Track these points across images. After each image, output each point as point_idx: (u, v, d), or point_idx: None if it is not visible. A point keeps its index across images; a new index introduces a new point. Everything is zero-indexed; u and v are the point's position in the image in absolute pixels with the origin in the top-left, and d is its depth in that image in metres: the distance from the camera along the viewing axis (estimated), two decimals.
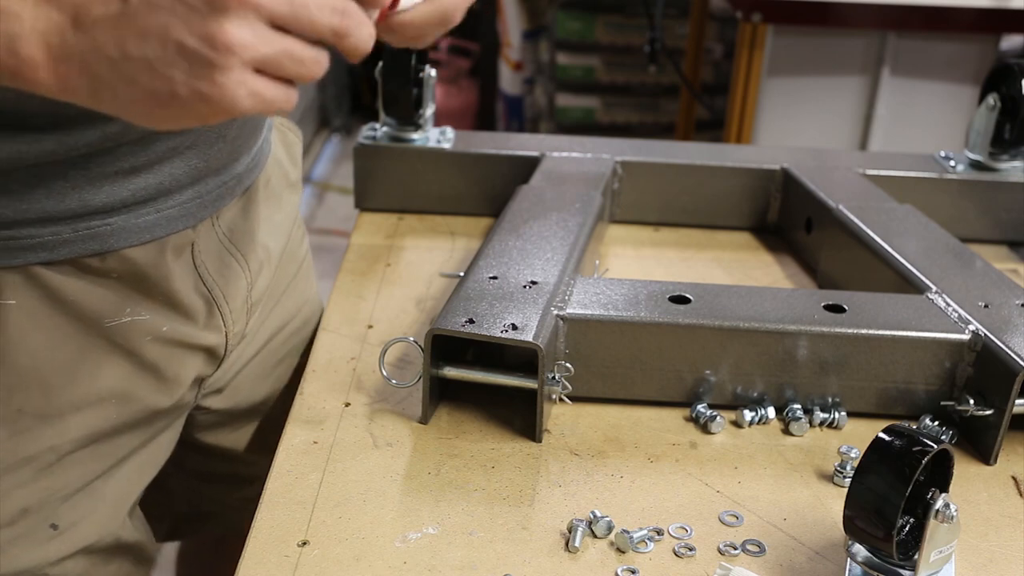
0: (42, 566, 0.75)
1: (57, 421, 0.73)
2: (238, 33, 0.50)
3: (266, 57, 0.52)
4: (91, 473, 0.77)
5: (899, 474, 0.60)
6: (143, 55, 0.50)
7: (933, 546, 0.61)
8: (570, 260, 0.92)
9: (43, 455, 0.73)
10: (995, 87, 1.17)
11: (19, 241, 0.67)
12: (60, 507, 0.75)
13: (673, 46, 2.99)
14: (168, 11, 0.49)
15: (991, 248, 1.17)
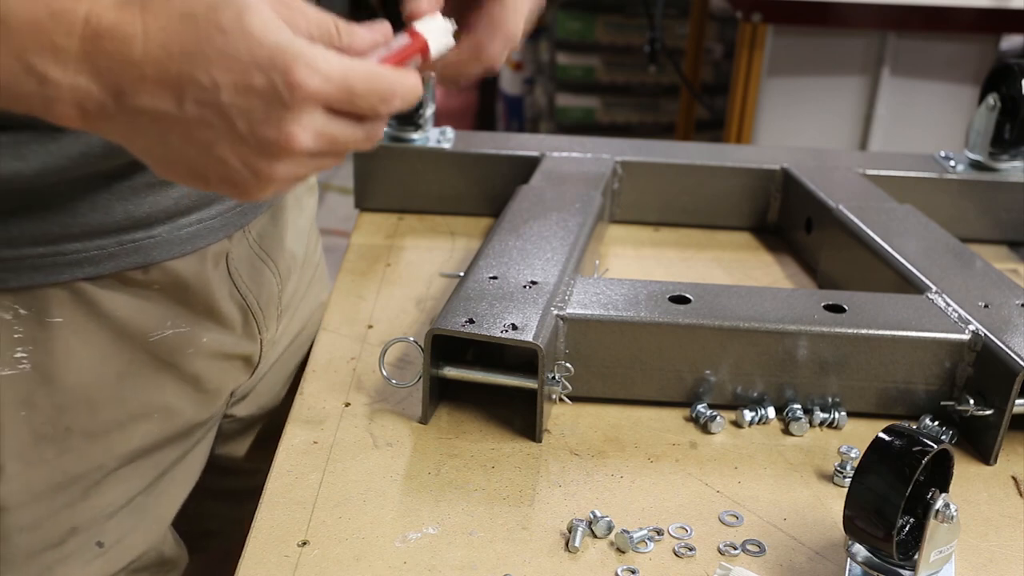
0: None
1: (103, 438, 0.72)
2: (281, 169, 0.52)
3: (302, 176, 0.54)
4: (134, 489, 0.77)
5: (899, 474, 0.60)
6: (183, 152, 0.51)
7: (933, 546, 0.61)
8: (570, 260, 0.92)
9: (91, 473, 0.72)
10: (995, 87, 1.17)
11: (65, 256, 0.66)
12: (106, 524, 0.75)
13: (673, 46, 2.99)
14: (219, 133, 0.50)
15: (991, 248, 1.17)
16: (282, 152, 0.51)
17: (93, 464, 0.73)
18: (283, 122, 0.50)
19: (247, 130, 0.50)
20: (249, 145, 0.51)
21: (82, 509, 0.73)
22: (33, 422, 0.68)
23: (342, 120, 0.53)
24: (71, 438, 0.70)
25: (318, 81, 0.50)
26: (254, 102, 0.50)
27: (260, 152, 0.51)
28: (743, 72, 2.21)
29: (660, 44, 2.63)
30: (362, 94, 0.52)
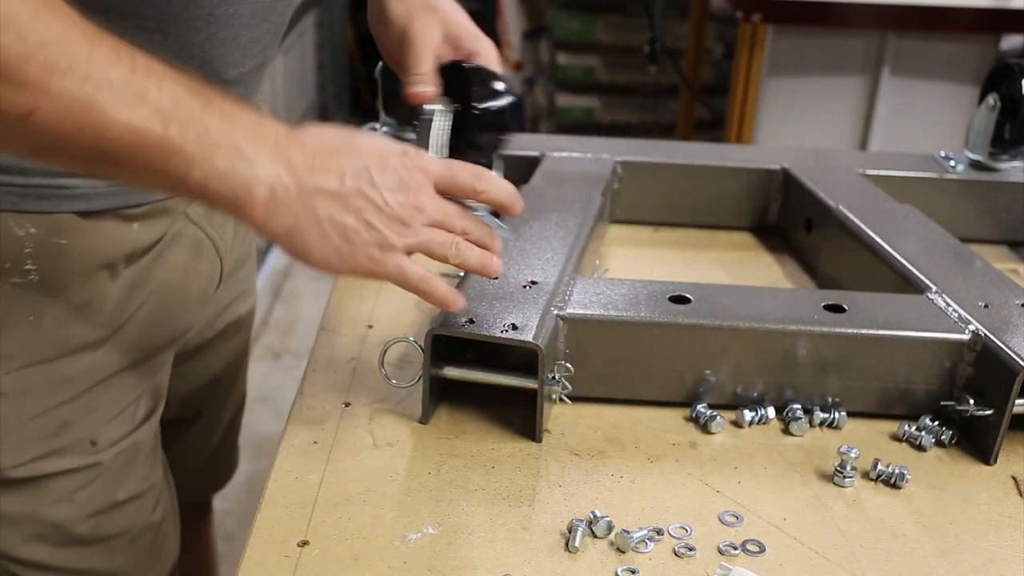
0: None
1: (100, 346, 0.80)
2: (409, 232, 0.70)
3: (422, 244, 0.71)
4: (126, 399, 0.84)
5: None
6: (342, 221, 0.68)
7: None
8: (570, 260, 0.92)
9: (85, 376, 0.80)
10: (995, 87, 1.17)
11: (66, 190, 0.74)
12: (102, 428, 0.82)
13: (673, 46, 2.99)
14: (369, 201, 0.68)
15: (991, 248, 1.17)
16: (413, 211, 0.69)
17: (87, 367, 0.80)
18: (411, 191, 0.70)
19: (388, 196, 0.69)
20: (389, 208, 0.69)
21: (76, 408, 0.80)
22: (38, 326, 0.76)
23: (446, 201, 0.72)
24: (70, 343, 0.78)
25: (429, 161, 0.72)
26: (392, 176, 0.69)
27: (396, 213, 0.69)
28: (743, 72, 2.21)
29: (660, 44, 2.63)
30: (459, 170, 0.73)
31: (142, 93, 0.59)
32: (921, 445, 0.82)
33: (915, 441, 0.83)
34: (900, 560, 0.71)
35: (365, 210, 0.68)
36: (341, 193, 0.67)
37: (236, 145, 0.63)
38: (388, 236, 0.69)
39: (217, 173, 0.62)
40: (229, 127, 0.63)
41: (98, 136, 0.59)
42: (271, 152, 0.65)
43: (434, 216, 0.71)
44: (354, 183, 0.68)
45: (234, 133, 0.63)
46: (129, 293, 0.81)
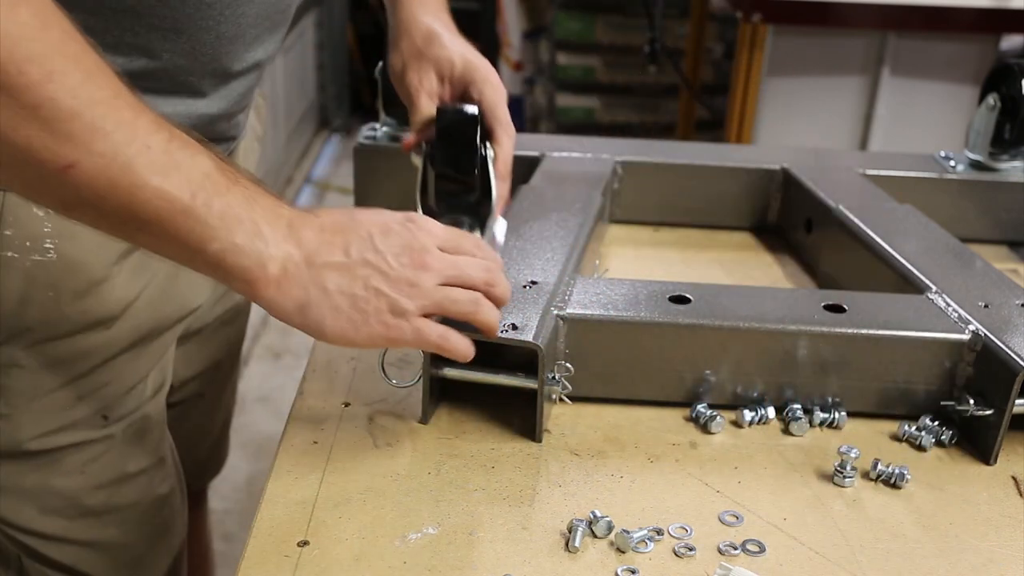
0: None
1: (114, 323, 0.82)
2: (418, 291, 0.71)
3: (437, 304, 0.72)
4: (137, 376, 0.86)
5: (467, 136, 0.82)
6: (351, 291, 0.69)
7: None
8: (570, 260, 0.92)
9: (99, 351, 0.82)
10: (995, 87, 1.17)
11: None
12: (113, 403, 0.85)
13: (673, 46, 2.99)
14: (375, 268, 0.70)
15: (991, 248, 1.17)
16: (420, 270, 0.71)
17: (101, 343, 0.82)
18: (415, 251, 0.71)
19: (394, 260, 0.71)
20: (396, 271, 0.70)
21: (89, 382, 0.83)
22: (56, 302, 0.79)
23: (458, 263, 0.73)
24: (86, 319, 0.80)
25: (433, 225, 0.74)
26: (396, 240, 0.71)
27: (404, 276, 0.71)
28: (743, 72, 2.21)
29: (660, 44, 2.63)
30: (461, 237, 0.75)
31: (177, 163, 0.62)
32: (921, 445, 0.82)
33: (915, 441, 0.83)
34: (900, 560, 0.71)
35: (372, 277, 0.70)
36: (347, 264, 0.69)
37: (255, 223, 0.66)
38: (398, 299, 0.70)
39: (235, 247, 0.65)
40: (250, 206, 0.66)
41: (130, 196, 0.61)
42: (285, 233, 0.68)
43: (445, 272, 0.72)
44: (359, 253, 0.70)
45: (255, 211, 0.66)
46: (139, 271, 0.83)
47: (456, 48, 0.91)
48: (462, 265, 0.73)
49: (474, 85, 0.89)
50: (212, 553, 1.35)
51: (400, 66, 0.92)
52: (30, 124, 0.56)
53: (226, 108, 0.85)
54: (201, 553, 1.31)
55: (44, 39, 0.56)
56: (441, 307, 0.72)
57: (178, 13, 0.74)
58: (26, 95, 0.56)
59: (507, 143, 0.87)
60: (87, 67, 0.59)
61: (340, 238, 0.70)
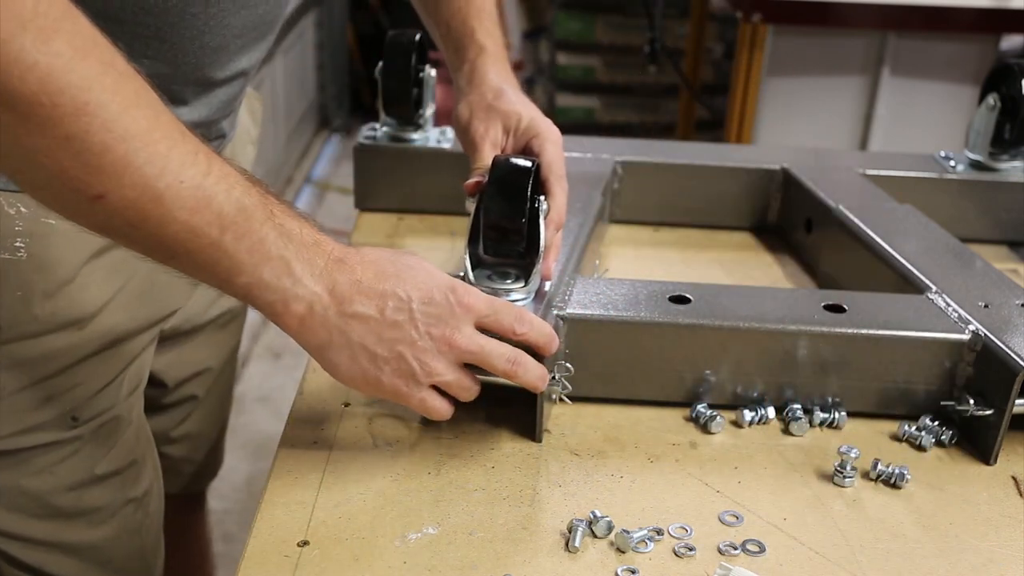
0: None
1: (85, 324, 0.81)
2: (440, 365, 0.72)
3: (447, 383, 0.73)
4: (107, 377, 0.86)
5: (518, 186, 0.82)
6: (373, 350, 0.70)
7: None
8: (570, 260, 0.92)
9: (69, 352, 0.81)
10: (995, 87, 1.17)
11: None
12: (84, 404, 0.84)
13: (673, 46, 2.99)
14: (404, 332, 0.70)
15: (991, 248, 1.17)
16: (446, 347, 0.71)
17: (72, 344, 0.81)
18: (449, 327, 0.71)
19: (424, 330, 0.71)
20: (423, 341, 0.71)
21: (58, 383, 0.82)
22: (26, 302, 0.78)
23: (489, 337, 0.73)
24: (56, 320, 0.80)
25: (475, 299, 0.73)
26: (433, 310, 0.71)
27: (429, 348, 0.71)
28: (743, 72, 2.21)
29: (660, 44, 2.63)
30: (503, 311, 0.74)
31: (209, 198, 0.62)
32: (921, 445, 0.82)
33: (915, 441, 0.83)
34: (900, 560, 0.71)
35: (399, 342, 0.70)
36: (378, 321, 0.70)
37: (286, 261, 0.66)
38: (415, 370, 0.71)
39: (261, 283, 0.66)
40: (284, 242, 0.66)
41: (158, 229, 0.61)
42: (319, 272, 0.68)
43: (468, 355, 0.73)
44: (393, 314, 0.70)
45: (287, 249, 0.66)
46: (115, 272, 0.82)
47: (522, 106, 0.95)
48: (487, 352, 0.73)
49: (536, 139, 0.92)
50: (212, 554, 1.35)
51: (467, 116, 0.95)
52: (62, 154, 0.57)
53: (208, 115, 0.85)
54: (201, 554, 1.31)
55: (80, 70, 0.56)
56: (449, 388, 0.74)
57: (161, 22, 0.74)
58: (59, 127, 0.56)
59: (560, 197, 0.88)
60: (125, 98, 0.58)
61: (378, 289, 0.70)
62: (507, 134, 0.94)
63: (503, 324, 0.74)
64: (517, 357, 0.75)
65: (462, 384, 0.74)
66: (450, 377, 0.73)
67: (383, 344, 0.70)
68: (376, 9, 4.00)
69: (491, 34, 0.98)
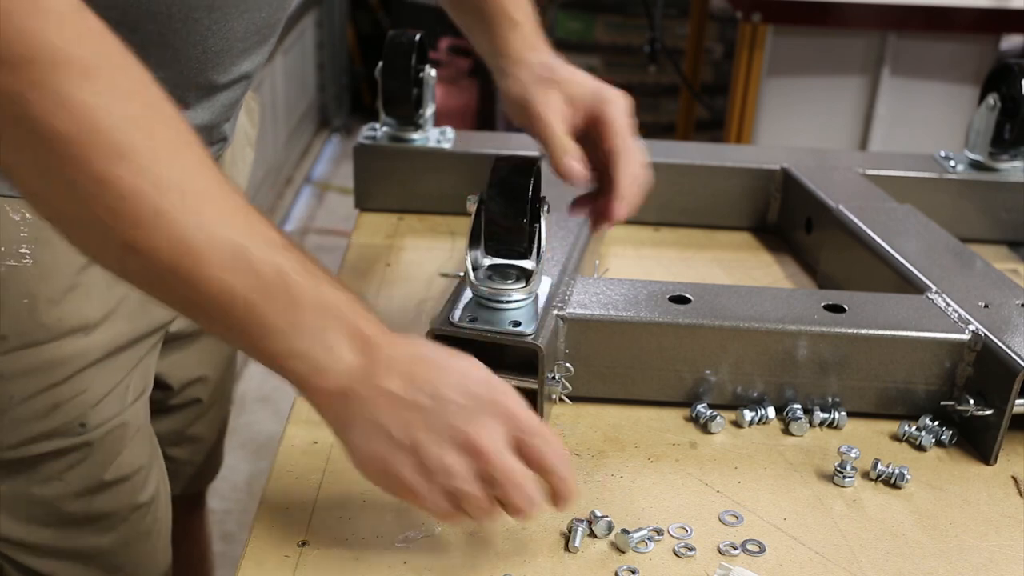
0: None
1: (90, 331, 0.80)
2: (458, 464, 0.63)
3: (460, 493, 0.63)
4: (112, 382, 0.84)
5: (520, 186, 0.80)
6: (390, 430, 0.63)
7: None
8: (570, 260, 0.92)
9: (75, 359, 0.80)
10: (995, 87, 1.17)
11: None
12: (90, 411, 0.83)
13: (673, 46, 2.99)
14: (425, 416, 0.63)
15: (991, 248, 1.17)
16: (470, 446, 0.63)
17: (79, 350, 0.80)
18: (478, 423, 0.63)
19: (453, 421, 0.63)
20: (447, 434, 0.63)
21: (66, 389, 0.80)
22: (32, 309, 0.77)
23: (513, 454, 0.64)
24: (63, 326, 0.78)
25: (518, 406, 0.65)
26: (465, 402, 0.63)
27: (452, 442, 0.63)
28: (743, 72, 2.21)
29: (660, 44, 2.63)
30: (537, 429, 0.65)
31: (248, 260, 0.59)
32: (921, 445, 0.83)
33: (915, 441, 0.83)
34: (900, 560, 0.71)
35: (417, 428, 0.63)
36: (402, 401, 0.63)
37: (322, 332, 0.62)
38: (429, 465, 0.63)
39: (292, 352, 0.62)
40: (322, 314, 0.62)
41: (189, 284, 0.59)
42: (353, 345, 0.63)
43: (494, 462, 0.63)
44: (417, 395, 0.63)
45: (326, 320, 0.62)
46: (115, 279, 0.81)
47: (580, 74, 0.88)
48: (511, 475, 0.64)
49: (609, 106, 0.86)
50: (211, 554, 1.35)
51: (520, 92, 0.88)
52: (94, 196, 0.55)
53: (211, 119, 0.84)
54: (200, 555, 1.31)
55: (119, 112, 0.54)
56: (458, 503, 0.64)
57: (165, 28, 0.73)
58: (92, 167, 0.54)
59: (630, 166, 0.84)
60: (166, 145, 0.57)
61: (408, 370, 0.64)
62: (571, 106, 0.86)
63: (539, 451, 0.64)
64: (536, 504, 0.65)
65: (477, 503, 0.64)
66: (467, 488, 0.63)
67: (401, 426, 0.63)
68: (376, 9, 4.00)
69: (522, 8, 0.92)
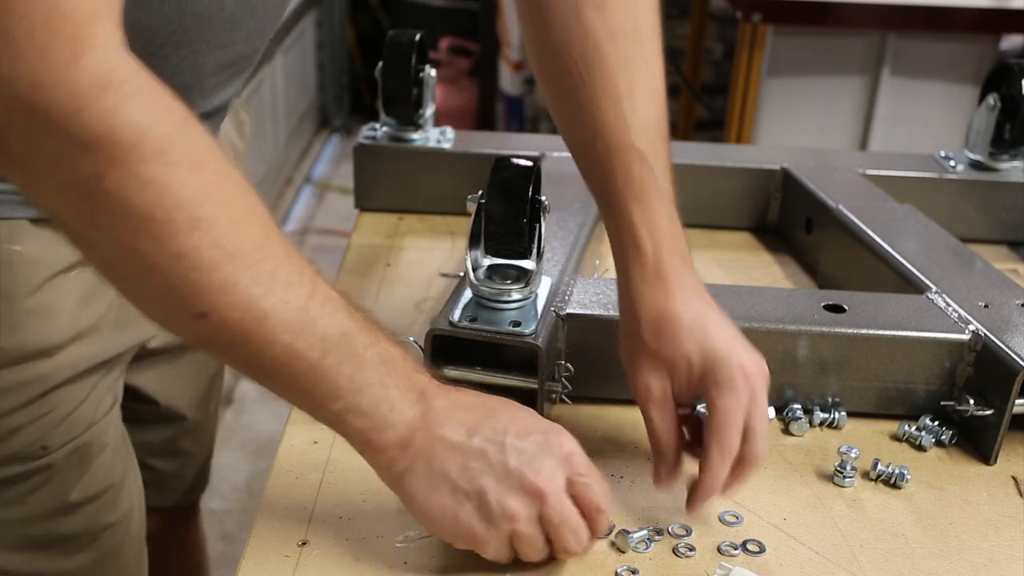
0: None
1: (54, 354, 0.78)
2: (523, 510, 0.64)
3: (521, 536, 0.64)
4: (73, 404, 0.82)
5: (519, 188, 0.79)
6: (456, 479, 0.64)
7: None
8: (570, 260, 0.92)
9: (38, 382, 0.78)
10: (995, 87, 1.17)
11: (18, 196, 0.73)
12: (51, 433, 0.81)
13: (673, 46, 2.98)
14: (491, 465, 0.64)
15: (991, 248, 1.17)
16: (532, 489, 0.64)
17: (41, 373, 0.78)
18: (543, 468, 0.64)
19: (515, 465, 0.64)
20: (510, 479, 0.64)
21: (27, 413, 0.79)
22: None
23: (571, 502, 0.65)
24: (24, 350, 0.77)
25: (575, 449, 0.66)
26: (527, 447, 0.64)
27: (515, 486, 0.64)
28: (743, 72, 2.21)
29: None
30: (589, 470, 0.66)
31: (313, 321, 0.60)
32: (921, 445, 0.82)
33: (915, 441, 0.83)
34: (900, 560, 0.71)
35: (483, 475, 0.64)
36: (465, 448, 0.64)
37: (386, 388, 0.63)
38: (493, 512, 0.64)
39: (358, 410, 0.63)
40: (384, 370, 0.64)
41: (259, 349, 0.60)
42: (416, 398, 0.65)
43: (554, 504, 0.64)
44: (482, 443, 0.64)
45: (389, 376, 0.64)
46: (87, 300, 0.80)
47: (696, 337, 0.71)
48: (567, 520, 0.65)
49: (715, 387, 0.70)
50: (207, 560, 1.34)
51: (627, 360, 0.75)
52: (172, 268, 0.56)
53: None
54: (195, 563, 1.30)
55: (195, 184, 0.55)
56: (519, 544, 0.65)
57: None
58: (172, 242, 0.55)
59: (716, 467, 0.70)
60: (237, 213, 0.58)
61: (470, 420, 0.65)
62: (679, 384, 0.72)
63: (591, 493, 0.66)
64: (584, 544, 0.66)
65: (534, 544, 0.65)
66: (527, 530, 0.64)
67: (466, 475, 0.64)
68: (376, 9, 4.00)
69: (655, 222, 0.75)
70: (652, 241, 0.74)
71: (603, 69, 0.76)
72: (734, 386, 0.69)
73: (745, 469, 0.70)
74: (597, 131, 0.76)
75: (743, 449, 0.70)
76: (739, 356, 0.70)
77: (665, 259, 0.74)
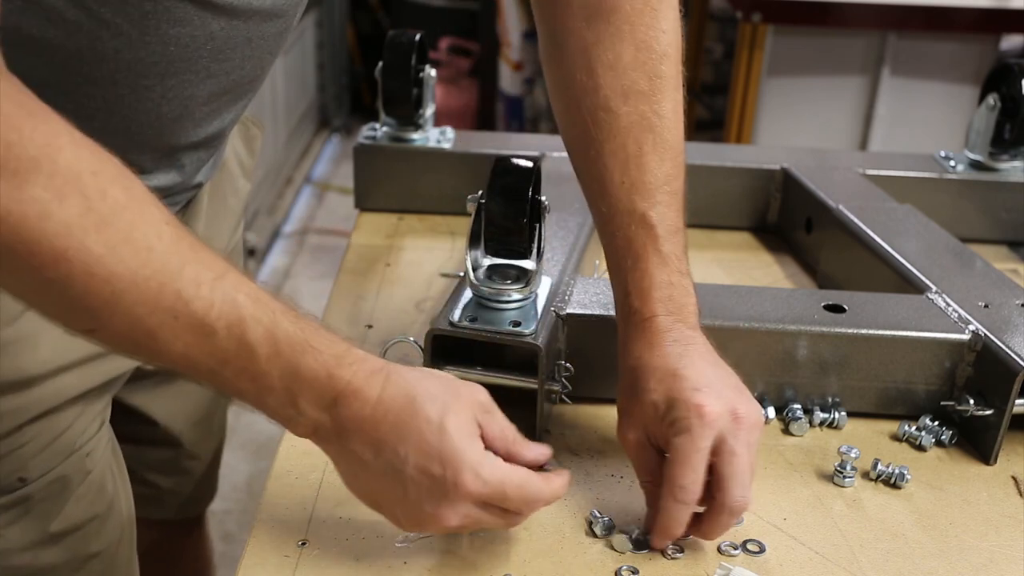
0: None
1: (33, 385, 0.76)
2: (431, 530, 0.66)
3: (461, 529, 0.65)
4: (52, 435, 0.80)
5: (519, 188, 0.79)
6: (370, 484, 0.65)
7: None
8: (570, 260, 0.92)
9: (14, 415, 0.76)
10: (995, 87, 1.17)
11: None
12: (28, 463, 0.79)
13: None
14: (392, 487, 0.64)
15: (991, 248, 1.17)
16: (431, 523, 0.64)
17: (19, 406, 0.76)
18: (440, 505, 0.63)
19: (413, 497, 0.63)
20: (411, 507, 0.64)
21: (4, 445, 0.76)
22: None
23: (489, 510, 0.65)
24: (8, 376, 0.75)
25: (478, 485, 0.63)
26: (426, 482, 0.63)
27: (416, 515, 0.64)
28: (743, 72, 2.21)
29: None
30: (512, 497, 0.64)
31: (208, 333, 0.59)
32: (921, 445, 0.82)
33: (915, 441, 0.83)
34: (900, 560, 0.71)
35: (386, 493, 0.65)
36: (371, 466, 0.64)
37: (291, 394, 0.62)
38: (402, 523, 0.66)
39: (265, 408, 0.63)
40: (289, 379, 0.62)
41: (155, 356, 0.60)
42: (327, 405, 0.63)
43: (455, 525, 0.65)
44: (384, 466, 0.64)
45: (294, 383, 0.62)
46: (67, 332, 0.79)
47: (666, 383, 0.70)
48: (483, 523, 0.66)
49: (670, 428, 0.69)
50: (212, 569, 1.32)
51: (618, 410, 0.76)
52: (45, 296, 0.56)
53: (179, 180, 0.80)
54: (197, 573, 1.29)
55: (57, 215, 0.53)
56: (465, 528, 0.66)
57: (109, 94, 0.69)
58: (38, 273, 0.54)
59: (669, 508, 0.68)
60: (110, 237, 0.55)
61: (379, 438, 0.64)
62: (652, 430, 0.72)
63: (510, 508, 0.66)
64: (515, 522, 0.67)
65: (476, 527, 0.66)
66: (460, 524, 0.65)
67: (376, 485, 0.65)
68: (376, 9, 4.00)
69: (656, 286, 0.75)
70: (642, 306, 0.74)
71: (612, 130, 0.77)
72: (688, 425, 0.67)
73: (718, 517, 0.68)
74: (602, 192, 0.77)
75: (716, 496, 0.68)
76: (702, 398, 0.68)
77: (658, 320, 0.73)
